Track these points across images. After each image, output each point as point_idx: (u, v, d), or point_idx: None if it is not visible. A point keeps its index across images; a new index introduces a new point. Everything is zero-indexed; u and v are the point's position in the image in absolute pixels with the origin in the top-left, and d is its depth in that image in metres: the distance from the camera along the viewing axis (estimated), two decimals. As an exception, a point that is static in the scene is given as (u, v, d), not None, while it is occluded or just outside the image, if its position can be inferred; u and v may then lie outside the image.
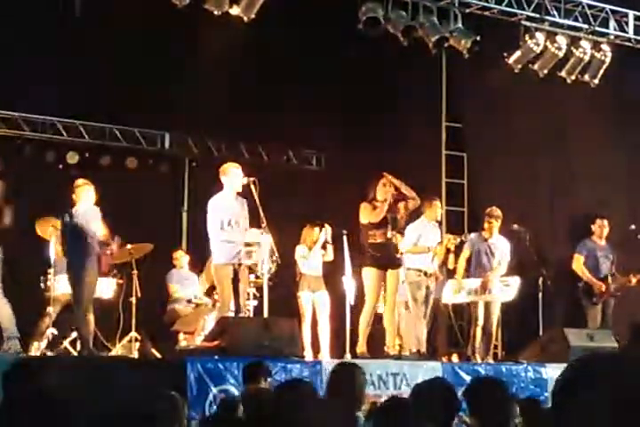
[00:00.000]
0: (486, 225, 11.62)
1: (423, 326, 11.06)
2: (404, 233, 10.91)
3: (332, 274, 11.40)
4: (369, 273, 10.47)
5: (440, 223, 12.21)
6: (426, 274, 11.00)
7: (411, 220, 11.10)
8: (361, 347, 10.42)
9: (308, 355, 10.66)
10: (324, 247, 11.27)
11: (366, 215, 10.44)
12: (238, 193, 10.08)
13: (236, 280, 9.97)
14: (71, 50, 12.23)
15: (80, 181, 10.29)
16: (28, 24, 11.89)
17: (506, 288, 11.39)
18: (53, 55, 12.22)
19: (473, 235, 11.88)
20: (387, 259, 10.47)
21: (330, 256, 11.26)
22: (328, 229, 11.18)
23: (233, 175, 10.05)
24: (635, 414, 1.70)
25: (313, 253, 11.26)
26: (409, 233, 10.96)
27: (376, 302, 10.46)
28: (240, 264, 9.92)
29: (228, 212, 9.92)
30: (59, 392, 4.16)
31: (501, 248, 11.57)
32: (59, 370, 5.04)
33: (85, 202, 10.13)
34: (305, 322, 11.03)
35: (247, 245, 9.83)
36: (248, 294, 11.23)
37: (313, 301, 11.18)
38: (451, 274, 11.99)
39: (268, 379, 7.95)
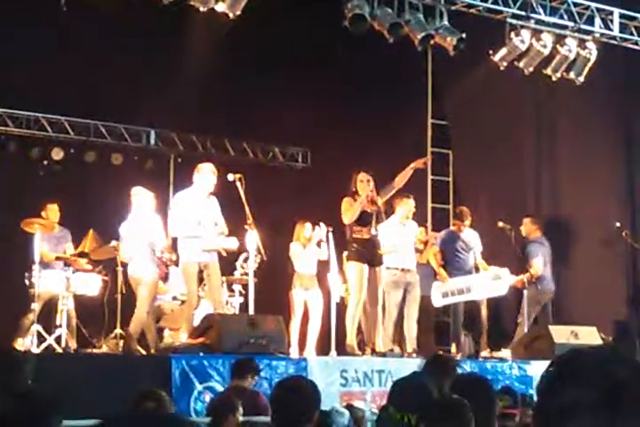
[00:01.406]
0: (456, 226, 11.71)
1: (411, 323, 11.05)
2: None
3: (318, 271, 11.39)
4: (353, 268, 10.44)
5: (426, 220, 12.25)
6: (403, 270, 10.99)
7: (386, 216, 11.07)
8: (350, 342, 10.40)
9: (295, 352, 10.66)
10: (318, 245, 11.25)
11: (343, 213, 10.41)
12: (210, 193, 10.08)
13: (207, 276, 10.01)
14: (56, 46, 12.18)
15: (137, 189, 10.43)
16: (12, 21, 11.84)
17: (497, 281, 11.39)
18: (38, 51, 12.17)
19: (443, 233, 11.93)
20: (371, 255, 10.45)
21: (325, 255, 11.22)
22: (323, 227, 11.13)
23: (205, 176, 10.04)
24: (620, 410, 1.70)
25: (307, 250, 11.24)
26: (380, 233, 10.92)
27: (361, 296, 10.42)
28: (207, 262, 9.92)
29: (192, 209, 9.91)
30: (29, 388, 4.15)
31: (474, 240, 11.68)
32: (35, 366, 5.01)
33: (145, 209, 10.25)
34: (294, 320, 11.02)
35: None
36: (233, 290, 11.24)
37: (305, 299, 11.16)
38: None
39: (255, 377, 7.97)
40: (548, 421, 1.76)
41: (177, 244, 10.15)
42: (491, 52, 13.14)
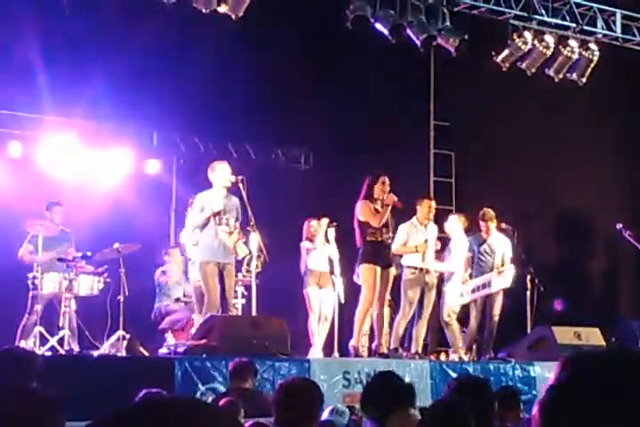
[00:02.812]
0: (483, 227, 11.62)
1: (421, 324, 11.06)
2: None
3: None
4: (367, 270, 10.40)
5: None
6: (422, 271, 11.00)
7: (403, 220, 11.09)
8: (355, 342, 10.37)
9: (318, 351, 10.66)
10: (327, 241, 11.30)
11: (366, 216, 10.36)
12: (228, 189, 10.07)
13: (222, 278, 9.96)
14: (59, 47, 12.19)
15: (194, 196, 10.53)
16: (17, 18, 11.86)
17: (501, 276, 11.36)
18: (41, 55, 12.17)
19: (471, 237, 11.85)
20: (383, 257, 10.43)
21: (335, 254, 11.26)
22: (324, 223, 11.17)
23: (219, 170, 10.03)
24: (619, 414, 1.70)
25: (318, 248, 11.24)
26: (399, 233, 10.96)
27: (373, 298, 10.38)
28: (225, 262, 9.91)
29: (211, 208, 9.91)
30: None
31: (501, 245, 11.56)
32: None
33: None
34: (314, 317, 11.02)
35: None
36: (236, 291, 11.23)
37: (319, 297, 11.18)
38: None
39: (255, 378, 7.95)
40: (553, 423, 1.76)
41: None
42: (493, 53, 13.16)
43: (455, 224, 11.96)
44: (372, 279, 10.32)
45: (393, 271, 10.72)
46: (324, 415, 6.03)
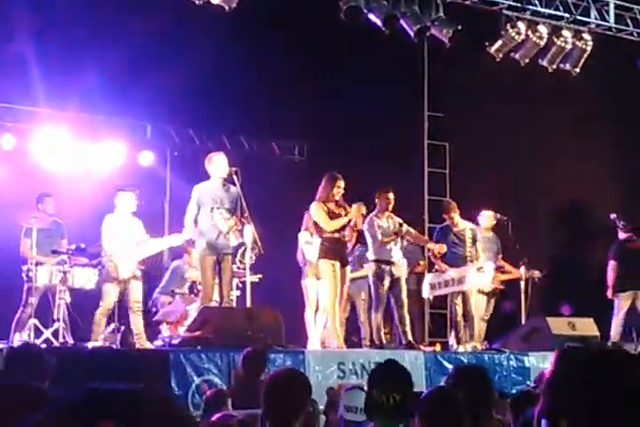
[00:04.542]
0: (449, 220, 11.58)
1: (401, 315, 11.05)
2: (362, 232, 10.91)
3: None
4: (326, 265, 10.38)
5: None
6: (388, 263, 10.91)
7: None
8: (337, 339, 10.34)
9: (316, 343, 10.63)
10: None
11: (324, 221, 10.32)
12: (225, 180, 10.07)
13: (219, 270, 9.95)
14: (53, 40, 12.17)
15: (119, 189, 10.51)
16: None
17: (481, 274, 11.33)
18: (34, 47, 12.15)
19: (439, 228, 11.84)
20: (339, 254, 10.38)
21: None
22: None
23: (216, 162, 10.05)
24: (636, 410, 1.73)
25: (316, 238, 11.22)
26: (367, 230, 10.88)
27: (336, 292, 10.35)
28: (224, 253, 9.91)
29: (211, 199, 9.92)
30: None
31: (470, 234, 11.50)
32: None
33: (118, 210, 10.53)
34: (310, 309, 10.99)
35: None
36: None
37: (317, 288, 11.15)
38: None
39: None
40: (573, 415, 1.79)
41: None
42: (487, 43, 13.15)
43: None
44: (330, 274, 10.22)
45: (348, 270, 10.64)
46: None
